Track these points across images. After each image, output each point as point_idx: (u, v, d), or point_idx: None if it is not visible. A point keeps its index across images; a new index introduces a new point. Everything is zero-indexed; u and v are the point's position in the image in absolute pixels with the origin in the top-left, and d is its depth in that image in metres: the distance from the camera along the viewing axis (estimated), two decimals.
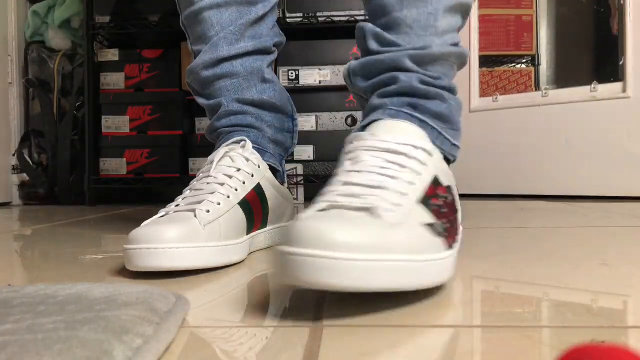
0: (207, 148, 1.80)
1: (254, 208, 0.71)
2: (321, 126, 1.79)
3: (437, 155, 0.53)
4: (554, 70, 1.87)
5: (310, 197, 1.71)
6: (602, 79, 1.66)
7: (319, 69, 1.78)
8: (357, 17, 1.75)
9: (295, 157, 1.72)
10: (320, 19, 1.78)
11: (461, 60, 0.65)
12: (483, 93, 1.89)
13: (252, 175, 0.71)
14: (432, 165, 0.51)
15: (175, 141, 1.81)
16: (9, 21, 1.88)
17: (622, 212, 1.22)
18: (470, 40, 1.82)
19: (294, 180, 1.73)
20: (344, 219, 0.42)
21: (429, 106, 0.59)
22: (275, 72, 1.79)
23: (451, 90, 0.62)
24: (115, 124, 1.83)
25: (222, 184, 0.68)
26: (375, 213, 0.43)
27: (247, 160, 0.72)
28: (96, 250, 0.82)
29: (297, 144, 1.88)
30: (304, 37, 1.81)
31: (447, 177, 0.54)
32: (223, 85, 0.82)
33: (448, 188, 0.53)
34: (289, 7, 1.78)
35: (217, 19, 0.79)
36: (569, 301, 0.48)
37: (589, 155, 1.61)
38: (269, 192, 0.75)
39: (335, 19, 1.77)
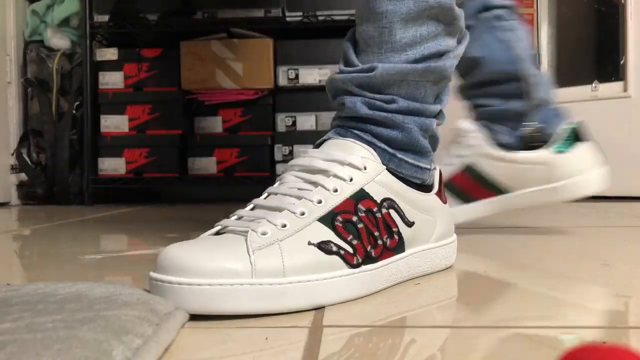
0: (206, 148, 1.81)
1: None
2: (321, 126, 1.79)
3: (374, 169, 0.52)
4: (554, 69, 1.86)
5: None
6: (603, 79, 1.66)
7: (319, 68, 1.77)
8: None
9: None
10: (320, 18, 1.77)
11: (436, 77, 0.56)
12: None
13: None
14: (361, 180, 0.50)
15: (175, 141, 1.81)
16: (7, 20, 1.88)
17: (622, 212, 1.22)
18: None
19: None
20: (212, 246, 0.44)
21: (377, 131, 0.55)
22: (275, 71, 1.79)
23: (413, 112, 0.56)
24: (114, 123, 1.83)
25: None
26: (247, 238, 0.44)
27: None
28: (96, 250, 0.82)
29: (297, 143, 1.89)
30: (303, 36, 1.81)
31: (384, 191, 0.52)
32: None
33: (382, 202, 0.51)
34: (289, 6, 1.78)
35: None
36: (569, 301, 0.48)
37: None
38: None
39: (336, 18, 1.77)
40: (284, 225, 0.46)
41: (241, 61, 1.79)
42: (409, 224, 0.53)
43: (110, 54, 1.83)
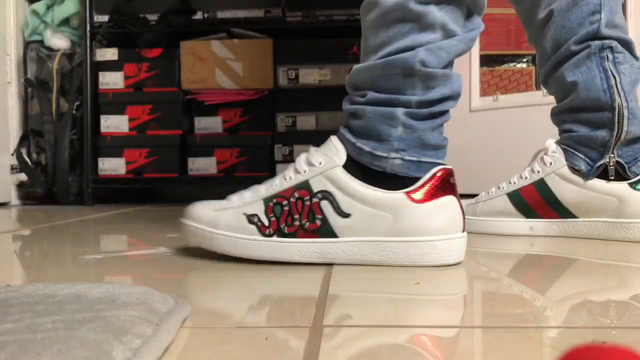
0: (206, 148, 1.81)
1: None
2: (321, 126, 1.79)
3: (327, 165, 0.62)
4: None
5: None
6: None
7: (319, 68, 1.77)
8: (357, 17, 1.75)
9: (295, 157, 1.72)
10: (320, 18, 1.77)
11: (402, 69, 0.62)
12: (484, 92, 1.88)
13: None
14: (310, 173, 0.62)
15: (175, 141, 1.81)
16: (7, 20, 1.87)
17: None
18: None
19: None
20: (210, 205, 0.66)
21: (351, 123, 0.65)
22: (275, 71, 1.79)
23: (379, 103, 0.63)
24: (114, 123, 1.83)
25: None
26: (226, 202, 0.66)
27: None
28: (96, 250, 0.82)
29: (297, 143, 1.89)
30: (303, 36, 1.81)
31: (328, 184, 0.61)
32: None
33: (317, 193, 0.62)
34: (289, 6, 1.78)
35: None
36: (569, 301, 0.48)
37: None
38: None
39: (335, 17, 1.77)
40: (244, 199, 0.64)
41: (241, 61, 1.79)
42: (343, 215, 0.61)
43: (110, 54, 1.83)
